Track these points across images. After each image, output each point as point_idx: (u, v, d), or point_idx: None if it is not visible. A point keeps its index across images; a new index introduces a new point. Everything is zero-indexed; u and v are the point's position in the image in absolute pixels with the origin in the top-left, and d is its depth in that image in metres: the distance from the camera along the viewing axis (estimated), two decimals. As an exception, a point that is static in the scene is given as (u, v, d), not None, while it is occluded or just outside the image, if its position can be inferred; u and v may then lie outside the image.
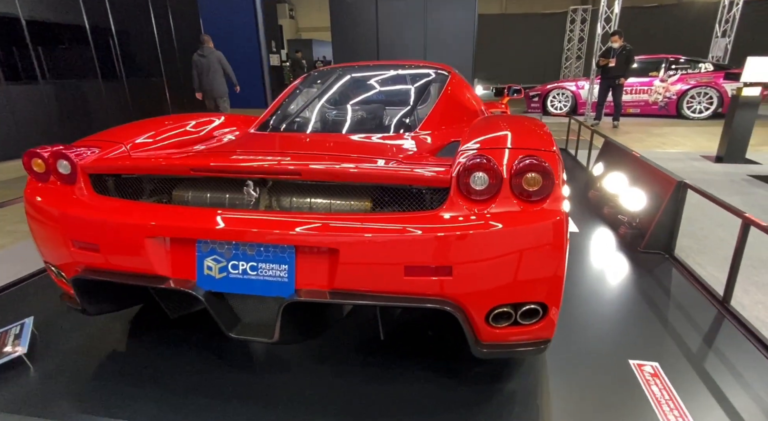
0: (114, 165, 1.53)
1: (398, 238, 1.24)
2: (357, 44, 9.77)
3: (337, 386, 1.62)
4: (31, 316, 1.98)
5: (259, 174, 1.39)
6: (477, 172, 1.25)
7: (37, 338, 1.94)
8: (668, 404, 1.50)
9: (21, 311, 2.19)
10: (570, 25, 14.23)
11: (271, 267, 1.39)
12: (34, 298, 2.34)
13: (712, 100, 8.69)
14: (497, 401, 1.54)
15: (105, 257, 1.47)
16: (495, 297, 1.29)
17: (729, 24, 10.45)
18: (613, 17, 8.49)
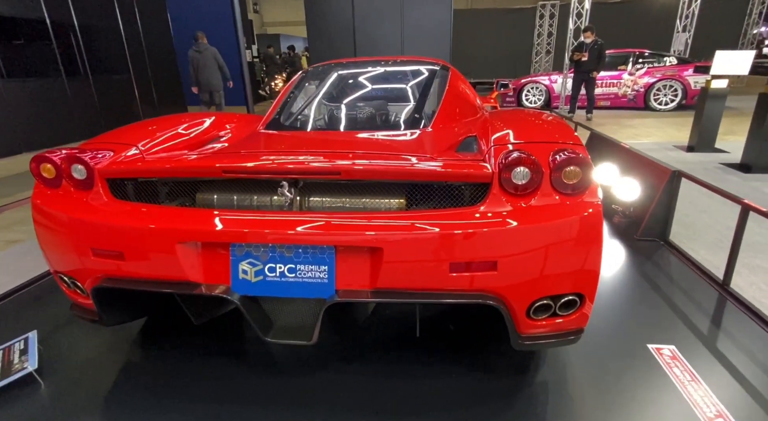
0: (136, 168, 1.46)
1: (445, 234, 1.24)
2: (333, 39, 9.66)
3: (367, 384, 1.61)
4: (34, 330, 1.87)
5: (295, 174, 1.36)
6: (518, 167, 1.27)
7: (42, 352, 1.84)
8: (691, 385, 1.57)
9: (19, 324, 2.07)
10: (539, 20, 14.54)
11: (310, 268, 1.36)
12: (31, 310, 2.21)
13: (677, 93, 9.09)
14: (529, 392, 1.57)
15: (131, 264, 1.40)
16: (537, 290, 1.32)
17: (689, 20, 10.95)
18: (584, 13, 8.73)
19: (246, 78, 5.89)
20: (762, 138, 4.48)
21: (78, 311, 1.66)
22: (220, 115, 2.36)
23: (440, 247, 1.25)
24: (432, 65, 2.70)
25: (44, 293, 2.37)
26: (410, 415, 1.48)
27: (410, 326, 1.94)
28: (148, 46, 9.63)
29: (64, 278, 1.59)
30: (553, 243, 1.27)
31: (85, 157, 1.45)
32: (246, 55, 6.06)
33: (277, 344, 1.46)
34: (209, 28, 12.46)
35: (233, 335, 1.92)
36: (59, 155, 1.50)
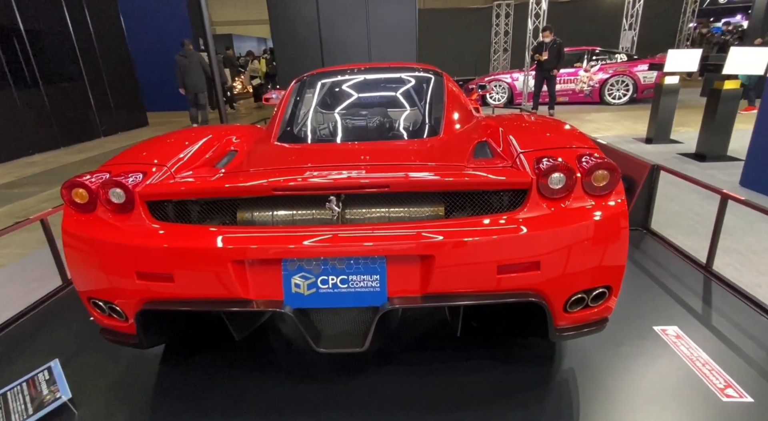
0: (181, 190, 1.45)
1: (494, 238, 1.34)
2: (299, 41, 9.57)
3: (406, 383, 1.69)
4: (55, 358, 1.81)
5: (345, 189, 1.41)
6: (555, 173, 1.38)
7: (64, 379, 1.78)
8: (699, 361, 1.75)
9: (33, 351, 1.98)
10: (495, 20, 15.02)
11: (362, 278, 1.41)
12: (42, 335, 2.12)
13: (628, 87, 9.70)
14: (558, 379, 1.70)
15: (180, 285, 1.40)
16: (574, 285, 1.43)
17: (634, 18, 11.69)
18: (542, 13, 9.13)
19: (218, 83, 5.74)
20: (713, 130, 4.91)
21: (111, 335, 1.63)
22: (221, 128, 2.34)
23: (489, 251, 1.34)
24: (426, 72, 2.79)
25: (51, 317, 2.27)
26: (454, 410, 1.56)
27: (435, 325, 2.03)
28: (101, 50, 9.16)
29: (99, 303, 1.55)
30: (587, 241, 1.39)
31: (124, 181, 1.43)
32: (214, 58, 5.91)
33: (328, 353, 1.50)
34: (163, 30, 12.06)
35: (259, 347, 1.93)
36: (94, 180, 1.47)
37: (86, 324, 2.18)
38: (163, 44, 11.70)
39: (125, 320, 1.54)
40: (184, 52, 8.10)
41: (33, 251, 3.35)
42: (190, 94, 8.35)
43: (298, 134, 2.20)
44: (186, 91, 8.27)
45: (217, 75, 6.00)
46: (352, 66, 2.94)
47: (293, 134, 2.18)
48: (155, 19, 12.06)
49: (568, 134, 1.79)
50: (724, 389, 1.61)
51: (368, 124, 2.32)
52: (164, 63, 12.27)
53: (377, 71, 2.84)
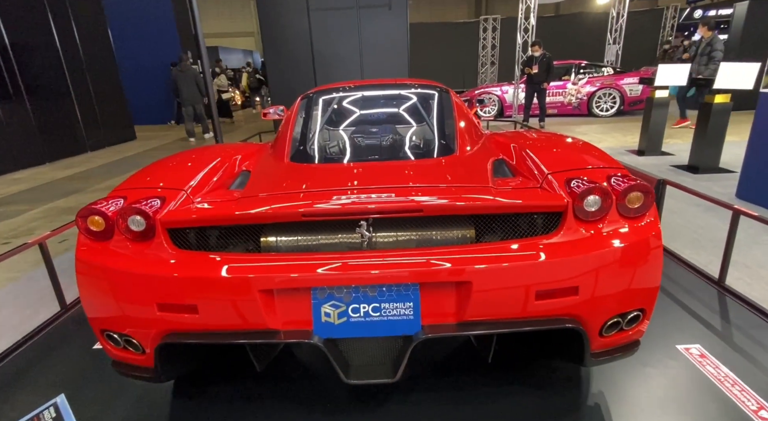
0: (207, 216, 1.39)
1: (533, 263, 1.30)
2: (290, 54, 9.56)
3: (434, 412, 1.63)
4: (60, 392, 1.71)
5: (377, 214, 1.36)
6: (590, 195, 1.36)
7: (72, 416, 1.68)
8: (728, 381, 1.73)
9: (34, 384, 1.87)
10: (483, 34, 15.27)
11: (395, 306, 1.36)
12: (42, 367, 2.00)
13: (615, 100, 9.90)
14: (590, 403, 1.66)
15: (205, 317, 1.33)
16: (611, 309, 1.40)
17: (618, 33, 12.01)
18: (530, 28, 9.31)
19: (212, 99, 5.66)
20: (705, 143, 5.01)
21: (124, 369, 1.54)
22: (226, 147, 2.28)
23: (529, 276, 1.31)
24: (432, 88, 2.78)
25: (50, 346, 2.15)
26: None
27: (457, 350, 1.98)
28: (88, 63, 9.00)
29: (113, 335, 1.47)
30: (624, 264, 1.37)
31: (145, 208, 1.36)
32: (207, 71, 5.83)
33: (357, 385, 1.44)
34: (151, 42, 11.94)
35: (276, 377, 1.85)
36: (110, 207, 1.40)
37: (89, 354, 2.08)
38: (151, 57, 11.58)
39: (142, 353, 1.45)
40: (180, 66, 8.72)
41: (22, 274, 3.21)
42: (188, 107, 8.87)
43: (312, 154, 2.15)
44: (183, 105, 8.87)
45: (211, 88, 5.93)
46: (358, 83, 2.91)
47: (306, 154, 2.13)
48: (143, 32, 11.94)
49: (589, 152, 1.78)
50: (758, 411, 1.59)
51: (381, 143, 2.28)
52: (152, 76, 12.18)
53: (384, 88, 2.82)
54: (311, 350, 2.01)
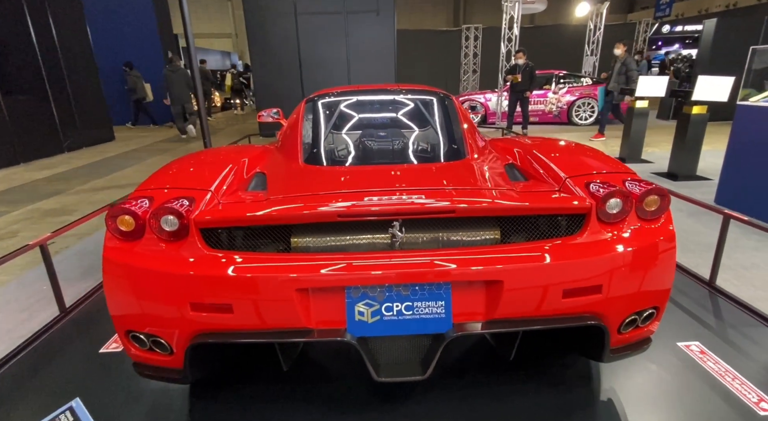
0: (243, 216, 1.39)
1: (561, 263, 1.36)
2: (277, 58, 9.51)
3: (456, 410, 1.67)
4: (76, 396, 1.66)
5: (411, 214, 1.39)
6: (612, 198, 1.43)
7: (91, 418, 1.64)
8: (728, 376, 1.83)
9: (40, 391, 1.81)
10: (465, 42, 15.55)
11: (427, 305, 1.40)
12: (47, 373, 1.93)
13: (594, 109, 10.25)
14: (603, 398, 1.73)
15: (240, 316, 1.33)
16: (630, 307, 1.47)
17: (595, 45, 12.45)
18: (513, 38, 9.55)
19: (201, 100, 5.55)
20: (684, 151, 5.25)
21: (149, 370, 1.52)
22: (232, 149, 2.27)
23: (557, 275, 1.36)
24: (436, 94, 2.84)
25: (53, 351, 2.09)
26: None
27: (472, 349, 2.03)
28: (66, 62, 8.73)
29: (140, 336, 1.45)
30: (643, 264, 1.44)
31: (179, 208, 1.36)
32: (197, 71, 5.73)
33: (386, 383, 1.46)
34: (130, 42, 11.68)
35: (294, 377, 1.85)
36: (139, 207, 1.38)
37: (98, 357, 2.03)
38: (131, 57, 11.31)
39: (169, 353, 1.44)
40: (171, 67, 9.13)
41: (13, 277, 3.09)
42: (177, 106, 9.27)
43: (326, 156, 2.16)
44: (172, 104, 9.25)
45: (200, 87, 5.83)
46: (361, 87, 2.95)
47: (320, 156, 2.15)
48: (122, 32, 11.68)
49: (599, 157, 1.86)
50: (759, 403, 1.69)
51: (393, 147, 2.32)
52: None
53: (389, 93, 2.86)
54: (333, 349, 2.02)
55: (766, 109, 3.81)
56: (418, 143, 2.39)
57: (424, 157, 2.20)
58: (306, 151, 2.19)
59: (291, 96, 9.61)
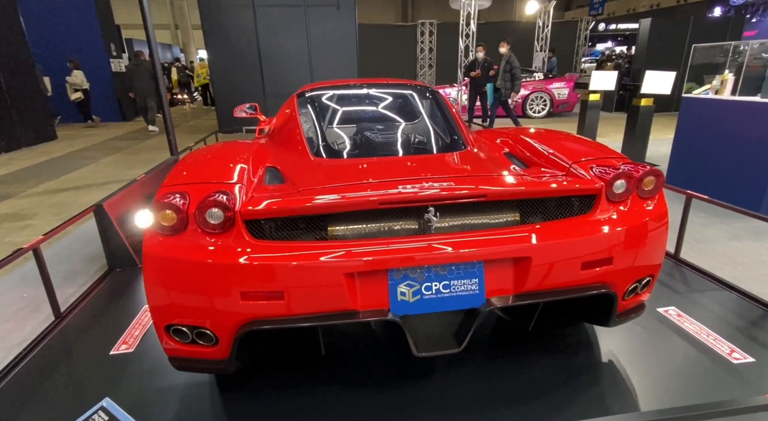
0: (290, 207, 1.43)
1: (580, 239, 1.52)
2: (237, 52, 9.24)
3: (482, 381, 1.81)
4: (102, 397, 1.64)
5: (447, 200, 1.50)
6: (619, 180, 1.61)
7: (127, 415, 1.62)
8: (704, 333, 2.10)
9: (62, 397, 1.75)
10: (420, 37, 15.80)
11: (462, 283, 1.51)
12: (58, 381, 1.87)
13: (546, 103, 10.83)
14: (606, 362, 1.93)
15: (291, 303, 1.38)
16: (633, 276, 1.67)
17: (544, 41, 13.09)
18: (471, 34, 9.87)
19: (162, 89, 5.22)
20: (634, 140, 5.73)
21: (188, 363, 1.53)
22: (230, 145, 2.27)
23: (577, 249, 1.52)
24: (423, 88, 2.95)
25: (58, 358, 2.01)
26: (530, 401, 1.71)
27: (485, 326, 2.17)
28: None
29: (183, 329, 1.46)
30: (644, 236, 1.63)
31: (223, 201, 1.38)
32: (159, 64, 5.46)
33: (426, 357, 1.57)
34: (69, 36, 10.87)
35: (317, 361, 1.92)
36: (181, 201, 1.39)
37: (110, 360, 1.98)
38: (71, 50, 10.54)
39: (214, 344, 1.46)
40: (136, 61, 9.53)
41: (-17, 285, 2.88)
42: (140, 99, 9.60)
43: (337, 149, 2.22)
44: (136, 95, 9.61)
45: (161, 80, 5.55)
46: (350, 81, 3.00)
47: (331, 149, 2.20)
48: (60, 25, 10.85)
49: (590, 144, 2.06)
50: (731, 353, 1.96)
51: (397, 139, 2.41)
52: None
53: (378, 87, 2.93)
54: (357, 332, 2.10)
55: (706, 101, 4.26)
56: (420, 135, 2.49)
57: (429, 148, 2.30)
58: (313, 145, 2.23)
59: (251, 90, 9.39)
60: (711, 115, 4.17)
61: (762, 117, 3.69)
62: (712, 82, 4.25)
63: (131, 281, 2.75)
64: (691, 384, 1.79)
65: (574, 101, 10.84)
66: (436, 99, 2.83)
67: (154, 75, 5.81)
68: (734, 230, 3.56)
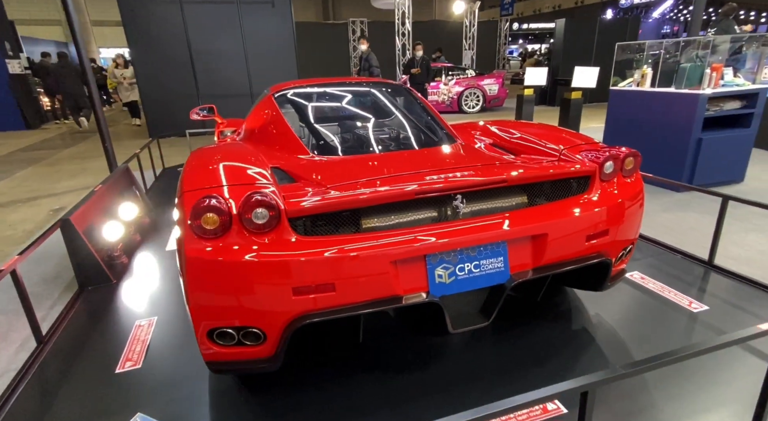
0: (331, 203, 1.47)
1: (587, 214, 1.73)
2: (163, 51, 8.67)
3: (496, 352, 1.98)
4: (137, 413, 1.58)
5: (473, 187, 1.62)
6: (608, 161, 1.84)
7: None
8: (665, 291, 2.45)
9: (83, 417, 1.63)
10: (352, 35, 15.87)
11: (490, 262, 1.65)
12: (67, 402, 1.73)
13: (479, 98, 11.44)
14: (594, 323, 2.19)
15: (342, 293, 1.43)
16: (622, 244, 1.92)
17: (471, 40, 13.79)
18: (407, 32, 10.15)
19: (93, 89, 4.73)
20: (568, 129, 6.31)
21: (229, 365, 1.53)
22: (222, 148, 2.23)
23: (584, 224, 1.73)
24: (397, 87, 3.07)
25: (55, 386, 1.86)
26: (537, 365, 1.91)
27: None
28: None
29: (228, 331, 1.45)
30: (629, 209, 1.89)
31: (270, 200, 1.39)
32: (87, 63, 4.96)
33: (458, 333, 1.69)
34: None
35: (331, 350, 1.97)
36: (223, 204, 1.38)
37: (117, 378, 1.87)
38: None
39: (262, 342, 1.47)
40: (62, 62, 9.71)
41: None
42: (70, 101, 9.77)
43: (334, 147, 2.25)
44: (65, 99, 9.84)
45: (92, 80, 5.06)
46: (323, 80, 3.04)
47: (330, 147, 2.24)
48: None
49: (567, 132, 2.30)
50: (690, 304, 2.31)
51: (389, 135, 2.49)
52: None
53: (354, 85, 3.00)
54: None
55: (630, 92, 4.83)
56: (409, 130, 2.57)
57: (424, 142, 2.40)
58: (311, 144, 2.26)
59: (184, 91, 8.89)
60: (635, 104, 4.74)
61: (676, 104, 4.28)
62: (633, 75, 4.82)
63: (109, 298, 2.57)
64: (665, 332, 2.10)
65: (504, 96, 11.58)
66: (414, 96, 2.95)
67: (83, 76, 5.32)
68: (664, 204, 4.11)
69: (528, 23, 35.26)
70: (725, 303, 2.33)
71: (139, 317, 2.35)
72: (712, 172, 4.36)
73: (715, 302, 2.34)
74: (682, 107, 4.22)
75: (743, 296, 2.39)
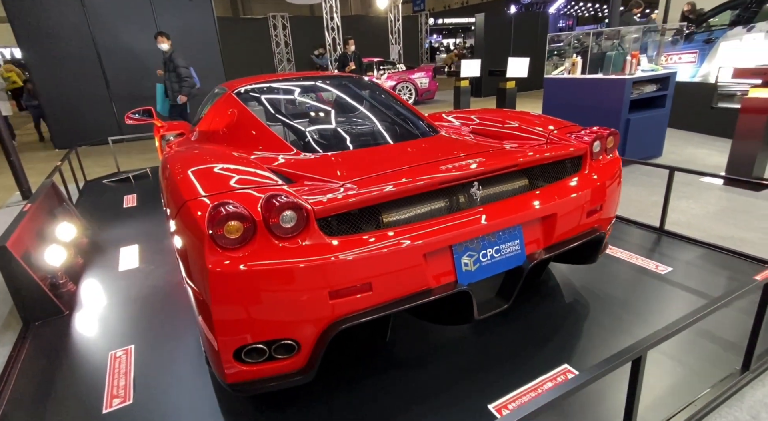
0: (355, 201, 1.38)
1: (587, 192, 1.82)
2: (64, 47, 7.67)
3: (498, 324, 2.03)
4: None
5: (489, 174, 1.63)
6: (596, 141, 1.95)
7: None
8: (632, 257, 2.67)
9: None
10: (273, 31, 15.31)
11: (508, 245, 1.68)
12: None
13: (411, 92, 11.64)
14: (583, 295, 2.33)
15: (378, 292, 1.37)
16: (610, 218, 2.05)
17: (397, 35, 13.96)
18: (337, 27, 10.01)
19: None
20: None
21: (259, 385, 1.39)
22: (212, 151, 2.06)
23: (586, 201, 1.82)
24: (365, 81, 3.00)
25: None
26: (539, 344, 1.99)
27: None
28: None
29: (260, 347, 1.32)
30: (615, 185, 2.02)
31: (299, 203, 1.28)
32: None
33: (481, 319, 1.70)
34: None
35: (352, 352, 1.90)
36: (244, 210, 1.24)
37: (107, 418, 1.64)
38: None
39: (295, 354, 1.36)
40: None
41: None
42: None
43: (321, 143, 2.14)
44: None
45: None
46: (280, 76, 2.90)
47: (320, 142, 2.12)
48: None
49: (542, 117, 2.40)
50: (657, 268, 2.55)
51: (374, 129, 2.39)
52: None
53: (323, 80, 2.88)
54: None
55: (563, 80, 5.19)
56: (392, 123, 2.50)
57: (410, 134, 2.35)
58: (295, 141, 2.14)
59: (93, 93, 8.00)
60: (569, 90, 5.10)
61: (606, 89, 4.67)
62: (564, 64, 5.18)
63: (65, 332, 2.23)
64: (649, 294, 2.29)
65: (435, 89, 11.89)
66: (383, 90, 2.91)
67: None
68: (604, 181, 4.47)
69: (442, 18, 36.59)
70: (685, 263, 2.60)
71: (112, 347, 2.07)
72: (638, 150, 4.84)
73: (676, 263, 2.60)
74: (612, 91, 4.62)
75: (697, 254, 2.69)
